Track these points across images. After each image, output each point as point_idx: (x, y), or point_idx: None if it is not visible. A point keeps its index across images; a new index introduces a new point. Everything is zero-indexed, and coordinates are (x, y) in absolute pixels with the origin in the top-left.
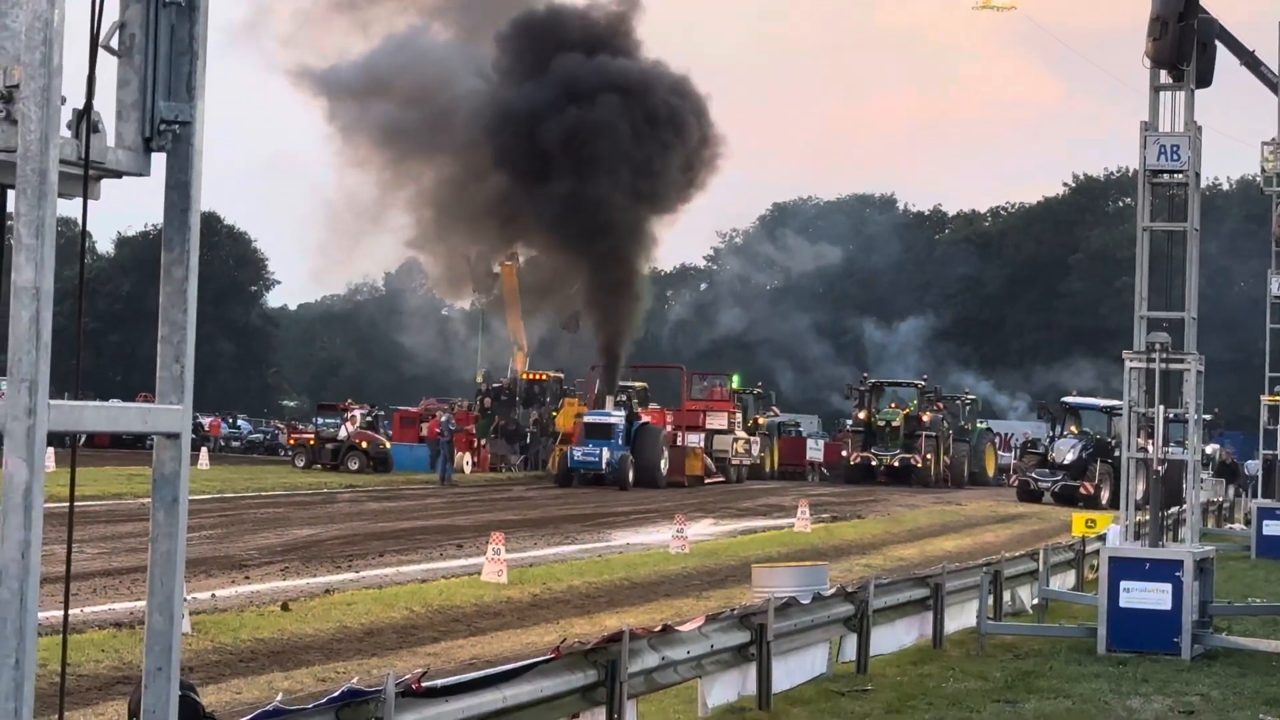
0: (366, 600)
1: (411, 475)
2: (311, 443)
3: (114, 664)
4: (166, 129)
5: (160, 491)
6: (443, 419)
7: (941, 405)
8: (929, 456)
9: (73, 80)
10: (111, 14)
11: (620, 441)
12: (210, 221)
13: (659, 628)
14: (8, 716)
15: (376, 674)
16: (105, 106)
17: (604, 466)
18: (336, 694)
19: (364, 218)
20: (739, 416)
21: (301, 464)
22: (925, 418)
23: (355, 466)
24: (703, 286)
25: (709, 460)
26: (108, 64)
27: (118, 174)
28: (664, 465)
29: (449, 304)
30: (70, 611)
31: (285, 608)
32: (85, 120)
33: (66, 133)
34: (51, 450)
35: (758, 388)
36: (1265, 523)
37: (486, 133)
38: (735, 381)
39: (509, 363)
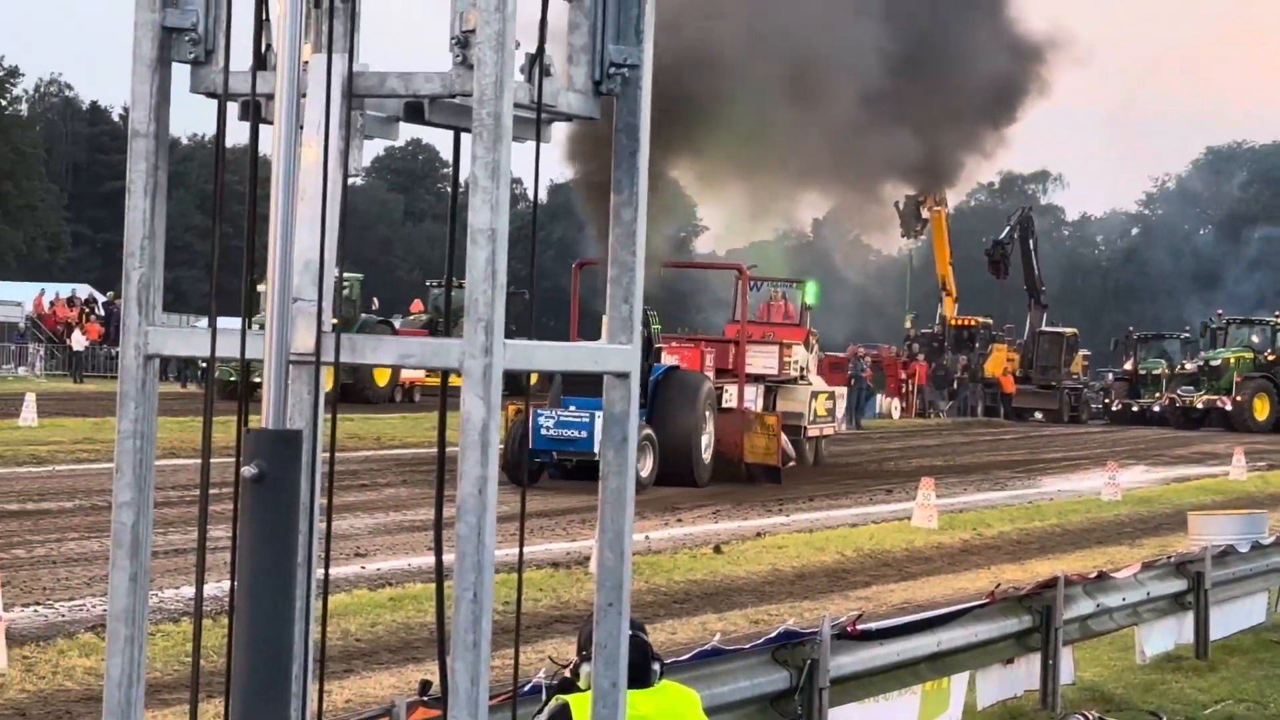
0: (797, 544)
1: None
2: None
3: (552, 602)
4: (616, 72)
5: (610, 430)
6: (851, 361)
7: None
8: (1239, 398)
9: (524, 25)
10: None
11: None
12: None
13: (1094, 574)
14: (467, 648)
15: (809, 616)
16: (556, 51)
17: (596, 449)
18: (773, 635)
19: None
20: (806, 354)
21: None
22: (1272, 357)
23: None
24: (1134, 231)
25: (786, 440)
26: (558, 8)
27: (568, 117)
28: (707, 444)
29: (876, 250)
30: (508, 551)
31: (718, 550)
32: (538, 64)
33: (519, 77)
34: None
35: (1184, 332)
36: None
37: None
38: (810, 293)
39: (938, 308)
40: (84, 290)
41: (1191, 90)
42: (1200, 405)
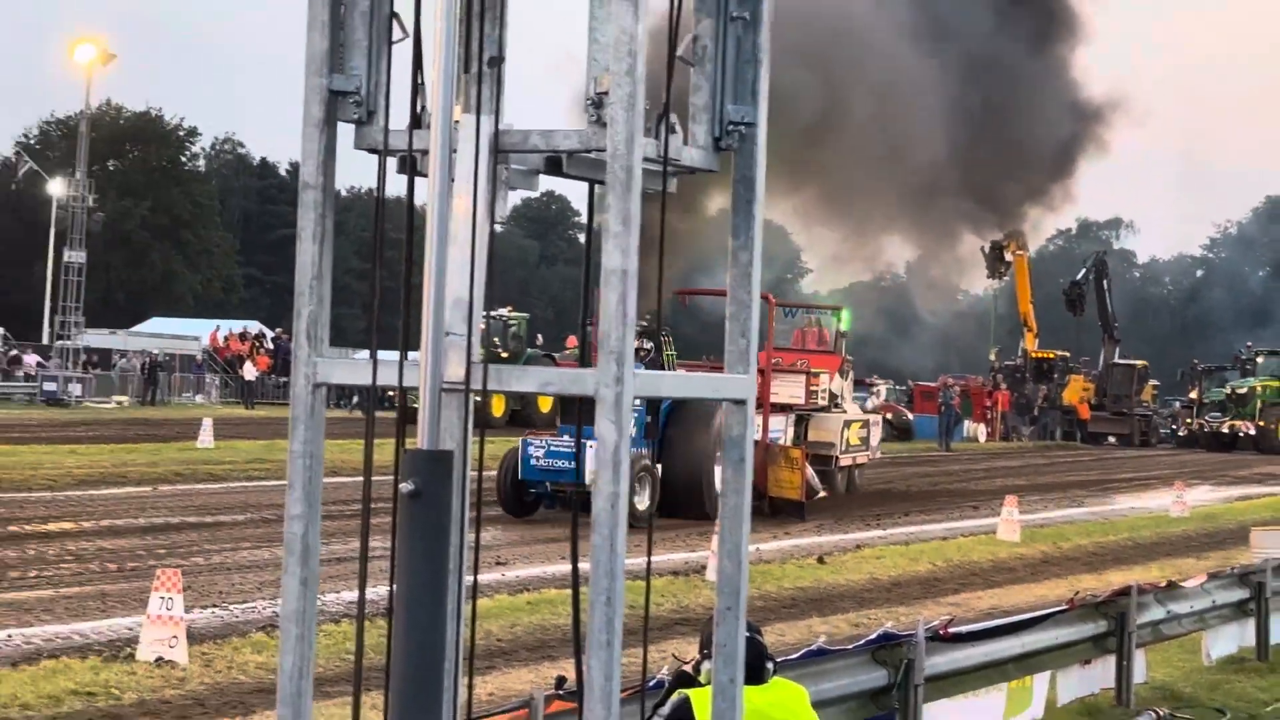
0: (893, 555)
1: (930, 443)
2: None
3: (673, 606)
4: (734, 129)
5: (729, 452)
6: (942, 391)
7: None
8: (1262, 423)
9: (651, 87)
10: (686, 28)
11: (634, 430)
12: None
13: (1164, 584)
14: (601, 647)
15: (904, 620)
16: (680, 110)
17: (587, 481)
18: (873, 636)
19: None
20: (842, 382)
21: None
22: None
23: (880, 434)
24: (1199, 273)
25: (812, 474)
26: (682, 71)
27: (691, 170)
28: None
29: (964, 290)
30: (634, 560)
31: (821, 560)
32: (664, 123)
33: (647, 134)
34: None
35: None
36: None
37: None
38: (844, 320)
39: (1020, 342)
40: (254, 326)
41: (1253, 142)
42: (1226, 430)
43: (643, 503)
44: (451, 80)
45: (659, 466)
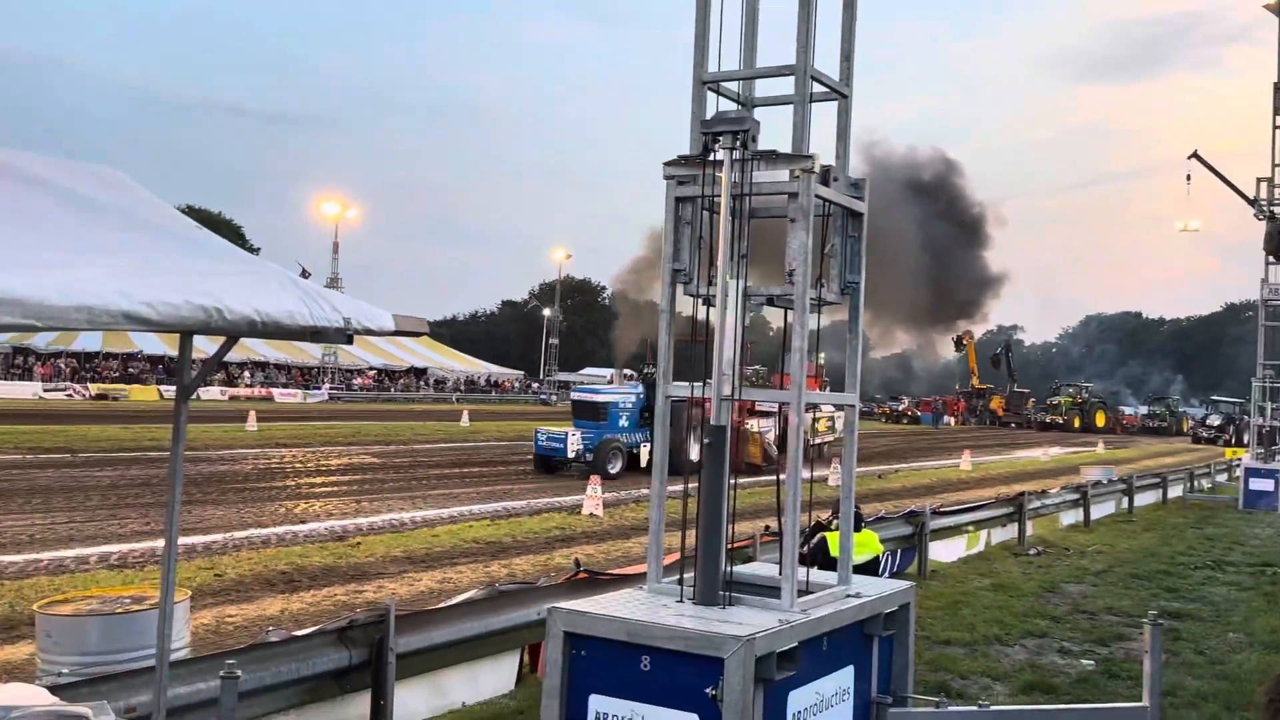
0: (913, 475)
1: (928, 427)
2: (887, 411)
3: (815, 497)
4: (849, 286)
5: (848, 429)
6: (933, 402)
7: (1097, 397)
8: (1063, 418)
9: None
10: (829, 239)
11: (626, 424)
12: None
13: (1040, 490)
14: (789, 511)
15: (919, 504)
16: (825, 275)
17: (570, 454)
18: (905, 512)
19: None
20: (821, 393)
21: (884, 421)
22: (1080, 400)
23: (904, 421)
24: (1054, 350)
25: (771, 446)
26: (826, 260)
27: (830, 303)
28: (695, 451)
29: (943, 357)
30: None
31: (880, 477)
32: (820, 282)
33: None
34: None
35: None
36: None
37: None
38: (820, 356)
39: (970, 381)
40: (630, 372)
41: (1082, 286)
42: (1049, 421)
43: (615, 468)
44: (726, 264)
45: (646, 446)
